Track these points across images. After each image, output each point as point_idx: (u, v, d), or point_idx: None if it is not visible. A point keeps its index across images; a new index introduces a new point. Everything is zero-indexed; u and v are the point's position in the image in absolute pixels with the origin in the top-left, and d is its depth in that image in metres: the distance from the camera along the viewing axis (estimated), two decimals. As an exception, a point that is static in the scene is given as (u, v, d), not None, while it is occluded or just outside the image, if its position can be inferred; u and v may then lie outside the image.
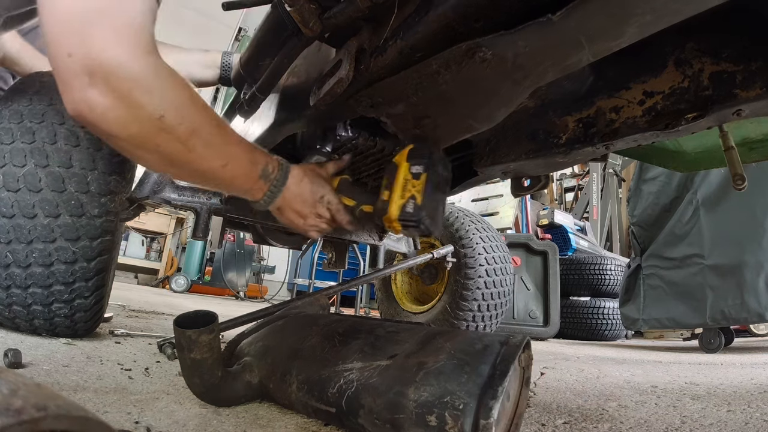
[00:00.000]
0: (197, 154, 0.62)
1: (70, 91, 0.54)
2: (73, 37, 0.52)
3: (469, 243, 1.70)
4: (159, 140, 0.58)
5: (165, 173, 0.68)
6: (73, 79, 0.53)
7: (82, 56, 0.52)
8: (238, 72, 0.77)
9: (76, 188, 0.99)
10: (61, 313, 1.02)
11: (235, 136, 0.68)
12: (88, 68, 0.52)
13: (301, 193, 0.77)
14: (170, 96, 0.57)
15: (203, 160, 0.63)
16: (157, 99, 0.56)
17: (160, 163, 0.63)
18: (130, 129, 0.56)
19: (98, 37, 0.52)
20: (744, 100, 0.52)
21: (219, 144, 0.64)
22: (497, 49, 0.46)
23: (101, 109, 0.53)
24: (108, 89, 0.53)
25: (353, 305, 4.49)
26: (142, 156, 0.61)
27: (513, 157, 0.76)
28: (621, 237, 5.75)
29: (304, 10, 0.55)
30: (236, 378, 0.70)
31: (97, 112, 0.53)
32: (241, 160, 0.68)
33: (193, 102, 0.61)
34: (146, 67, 0.55)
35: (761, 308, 2.20)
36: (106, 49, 0.52)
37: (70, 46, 0.52)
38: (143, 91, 0.54)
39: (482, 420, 0.46)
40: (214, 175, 0.66)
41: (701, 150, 0.94)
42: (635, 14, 0.39)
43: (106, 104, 0.53)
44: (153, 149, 0.59)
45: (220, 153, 0.64)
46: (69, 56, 0.52)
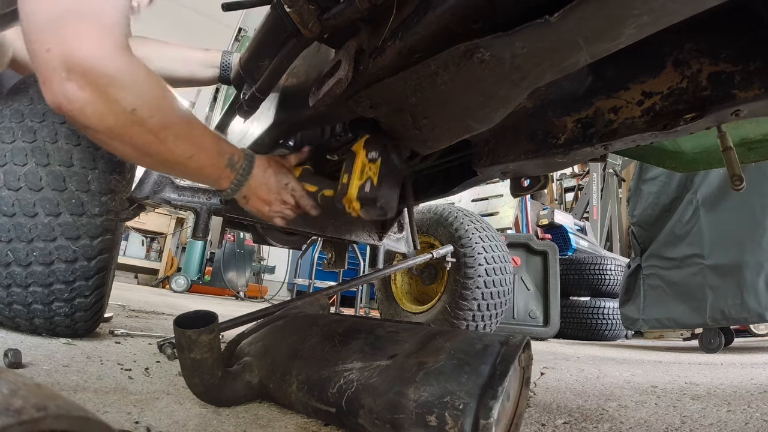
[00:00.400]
0: (168, 145, 0.66)
1: (50, 84, 0.57)
2: (52, 33, 0.55)
3: (469, 243, 1.70)
4: (132, 132, 0.62)
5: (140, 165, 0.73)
6: (52, 73, 0.56)
7: (60, 52, 0.55)
8: (238, 72, 0.77)
9: (76, 187, 1.00)
10: (61, 312, 1.02)
11: (204, 129, 0.72)
12: (66, 64, 0.55)
13: (267, 181, 0.82)
14: (143, 92, 0.61)
15: (173, 151, 0.67)
16: (131, 95, 0.59)
17: (133, 153, 0.67)
18: (107, 122, 0.59)
19: (76, 34, 0.55)
20: (742, 100, 0.52)
21: (188, 136, 0.68)
22: (495, 50, 0.46)
23: (79, 103, 0.57)
24: (85, 84, 0.56)
25: (353, 305, 4.49)
26: (117, 147, 0.65)
27: (512, 158, 0.76)
28: (621, 237, 5.75)
29: (303, 11, 0.55)
30: (236, 378, 0.70)
31: (75, 105, 0.57)
32: (209, 150, 0.73)
33: (165, 97, 0.65)
34: (121, 64, 0.58)
35: (761, 308, 2.20)
36: (83, 46, 0.55)
37: (49, 42, 0.55)
38: (118, 88, 0.58)
39: (482, 420, 0.46)
40: (184, 165, 0.70)
41: (700, 150, 0.94)
42: (633, 15, 0.39)
43: (84, 98, 0.57)
44: (127, 141, 0.63)
45: (189, 144, 0.69)
46: (48, 51, 0.55)
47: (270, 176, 0.82)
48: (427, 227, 1.87)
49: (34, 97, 1.02)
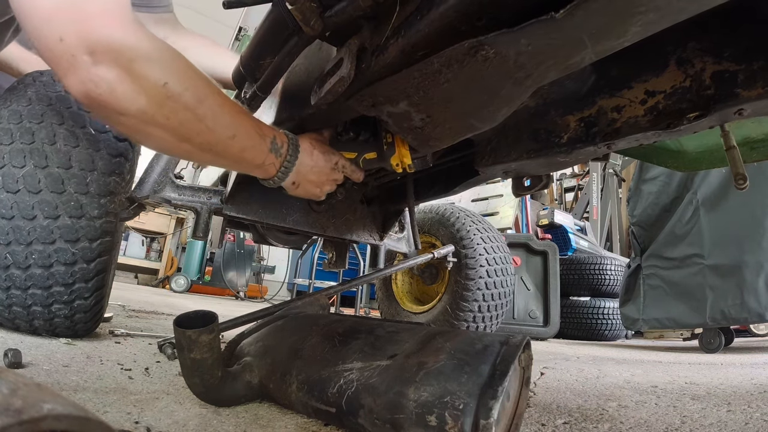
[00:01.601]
0: (207, 123, 0.61)
1: (74, 74, 0.54)
2: (61, 22, 0.52)
3: (470, 243, 1.70)
4: (167, 110, 0.58)
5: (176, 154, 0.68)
6: (74, 61, 0.53)
7: (76, 37, 0.52)
8: (239, 71, 0.77)
9: (75, 189, 0.99)
10: (60, 314, 1.02)
11: (240, 107, 0.67)
12: (86, 48, 0.52)
13: (316, 164, 0.77)
14: (170, 63, 0.58)
15: (213, 130, 0.62)
16: (158, 67, 0.56)
17: (171, 139, 0.61)
18: (139, 101, 0.55)
19: (88, 16, 0.52)
20: (746, 99, 0.52)
21: (226, 113, 0.63)
22: (499, 47, 0.45)
23: (108, 85, 0.53)
24: (112, 63, 0.53)
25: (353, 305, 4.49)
26: (154, 133, 0.60)
27: (514, 157, 0.76)
28: (621, 237, 5.75)
29: (305, 8, 0.54)
30: (236, 378, 0.70)
31: (104, 89, 0.54)
32: (250, 131, 0.67)
33: (193, 69, 0.61)
34: (141, 37, 0.55)
35: (761, 308, 2.20)
36: (99, 26, 0.53)
37: (60, 31, 0.52)
38: (144, 60, 0.54)
39: (482, 420, 0.46)
40: (225, 147, 0.65)
41: (702, 149, 0.94)
42: (639, 13, 0.39)
43: (112, 78, 0.53)
44: (163, 123, 0.58)
45: (228, 123, 0.63)
46: (61, 41, 0.52)
47: (318, 158, 0.77)
48: (429, 227, 1.87)
49: (33, 98, 1.01)
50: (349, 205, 1.30)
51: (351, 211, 1.30)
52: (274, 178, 0.74)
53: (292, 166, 0.74)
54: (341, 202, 1.26)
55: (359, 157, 0.83)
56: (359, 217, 1.33)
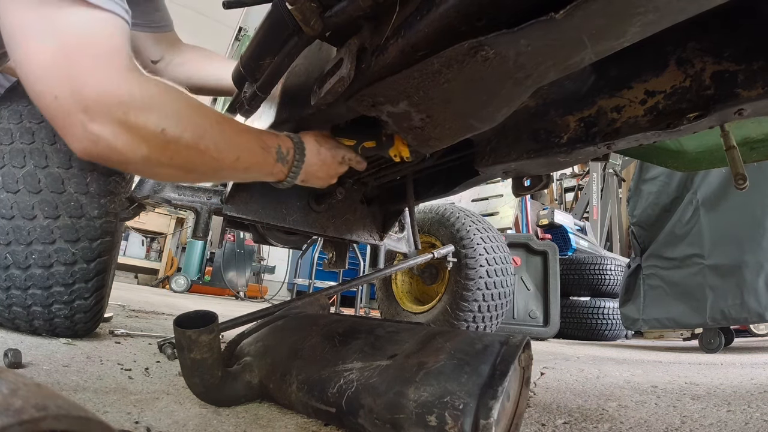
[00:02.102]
0: (210, 154, 0.62)
1: (71, 133, 0.54)
2: (53, 80, 0.51)
3: (470, 243, 1.70)
4: (170, 153, 0.58)
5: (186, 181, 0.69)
6: (69, 120, 0.53)
7: (69, 96, 0.51)
8: (239, 71, 0.77)
9: (75, 189, 0.99)
10: (60, 314, 1.02)
11: (241, 127, 0.69)
12: (80, 106, 0.52)
13: (324, 162, 0.80)
14: (165, 108, 0.57)
15: (217, 159, 0.64)
16: (155, 114, 0.56)
17: (179, 173, 0.64)
18: (140, 151, 0.56)
19: (78, 73, 0.51)
20: (746, 99, 0.52)
21: (227, 138, 0.64)
22: (499, 48, 0.45)
23: (106, 141, 0.53)
24: (107, 119, 0.52)
25: (353, 305, 4.49)
26: (161, 172, 0.62)
27: (514, 157, 0.76)
28: (621, 237, 5.75)
29: (305, 8, 0.54)
30: (236, 378, 0.70)
31: (103, 145, 0.54)
32: (253, 149, 0.69)
33: (189, 106, 0.61)
34: (132, 86, 0.54)
35: (761, 308, 2.20)
36: (90, 82, 0.52)
37: (54, 89, 0.52)
38: (139, 110, 0.54)
39: (482, 420, 0.46)
40: (232, 169, 0.67)
41: (702, 149, 0.94)
42: (638, 13, 0.39)
43: (109, 135, 0.53)
44: (168, 163, 0.60)
45: (230, 148, 0.65)
46: (55, 98, 0.52)
47: (325, 155, 0.80)
48: (429, 227, 1.87)
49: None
50: (349, 205, 1.30)
51: (351, 211, 1.30)
52: (284, 182, 0.77)
53: (300, 169, 0.77)
54: (341, 202, 1.26)
55: (358, 145, 0.85)
56: (359, 217, 1.33)
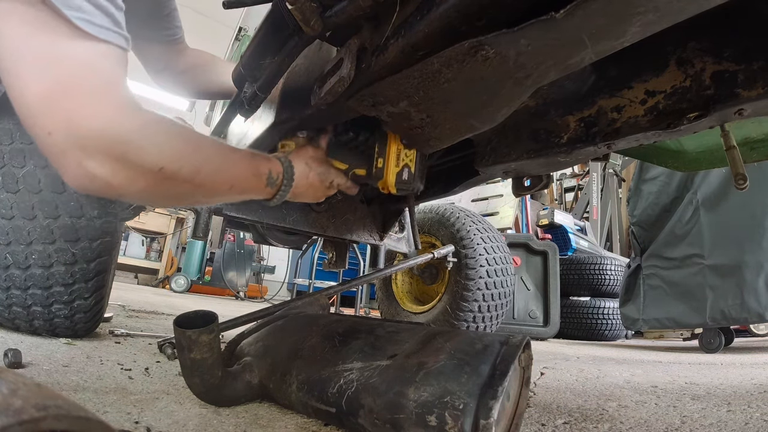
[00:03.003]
0: (205, 187, 0.63)
1: (67, 169, 0.53)
2: (48, 116, 0.50)
3: (470, 243, 1.70)
4: (166, 187, 0.59)
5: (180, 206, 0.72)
6: (64, 157, 0.52)
7: (64, 132, 0.50)
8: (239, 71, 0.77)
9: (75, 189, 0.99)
10: (60, 314, 1.02)
11: (236, 156, 0.70)
12: (76, 143, 0.51)
13: (311, 185, 0.82)
14: (163, 146, 0.57)
15: (211, 189, 0.65)
16: (152, 153, 0.55)
17: (173, 202, 0.66)
18: (137, 185, 0.56)
19: (74, 109, 0.50)
20: (746, 99, 0.52)
21: (222, 170, 0.66)
22: (500, 47, 0.45)
23: (104, 178, 0.53)
24: (105, 157, 0.52)
25: (353, 305, 4.49)
26: (155, 201, 0.64)
27: (514, 157, 0.76)
28: (621, 237, 5.75)
29: (305, 8, 0.54)
30: (236, 378, 0.70)
31: (99, 181, 0.53)
32: (246, 177, 0.71)
33: (188, 141, 0.61)
34: (130, 124, 0.54)
35: (761, 308, 2.20)
36: (85, 120, 0.51)
37: (48, 125, 0.50)
38: (136, 149, 0.54)
39: (482, 420, 0.46)
40: (224, 197, 0.70)
41: (702, 149, 0.94)
42: (638, 13, 0.39)
43: (106, 173, 0.52)
44: (164, 195, 0.61)
45: (225, 177, 0.66)
46: (49, 134, 0.51)
47: (313, 179, 0.82)
48: (429, 227, 1.87)
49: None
50: (349, 205, 1.30)
51: (351, 211, 1.31)
52: (272, 202, 0.79)
53: (287, 192, 0.78)
54: (341, 202, 1.26)
55: (349, 170, 0.86)
56: (359, 217, 1.33)
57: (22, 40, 0.50)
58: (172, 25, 1.08)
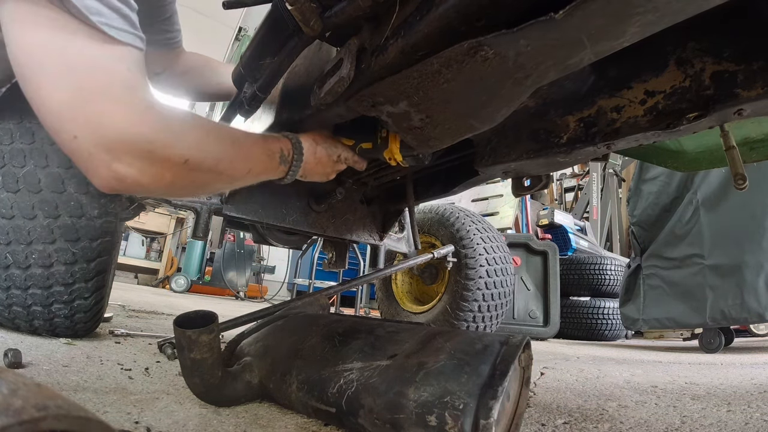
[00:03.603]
0: (227, 173, 0.66)
1: (95, 171, 0.54)
2: (72, 120, 0.52)
3: (470, 243, 1.70)
4: (192, 178, 0.61)
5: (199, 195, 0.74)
6: (92, 159, 0.53)
7: (90, 136, 0.52)
8: (239, 71, 0.77)
9: (75, 189, 0.99)
10: (60, 314, 1.02)
11: (250, 140, 0.72)
12: (103, 146, 0.52)
13: (319, 160, 0.84)
14: (186, 139, 0.59)
15: (232, 175, 0.68)
16: (177, 148, 0.58)
17: (198, 191, 0.69)
18: (165, 180, 0.58)
19: (98, 113, 0.52)
20: (745, 99, 0.52)
21: (240, 155, 0.68)
22: (499, 48, 0.45)
23: (132, 178, 0.55)
24: (132, 159, 0.53)
25: (353, 305, 4.49)
26: (180, 193, 0.67)
27: (514, 157, 0.76)
28: (621, 237, 5.76)
29: (305, 8, 0.54)
30: (236, 378, 0.70)
31: (128, 182, 0.55)
32: (261, 159, 0.73)
33: (208, 132, 0.64)
34: (155, 123, 0.56)
35: (761, 308, 2.20)
36: (111, 123, 0.52)
37: (73, 130, 0.52)
38: (162, 147, 0.56)
39: (482, 420, 0.46)
40: (242, 181, 0.72)
41: (702, 150, 0.94)
42: (637, 13, 0.39)
43: (135, 172, 0.54)
44: (189, 185, 0.63)
45: (243, 164, 0.69)
46: (75, 138, 0.52)
47: (321, 154, 0.84)
48: (429, 227, 1.87)
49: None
50: (349, 205, 1.30)
51: (351, 211, 1.31)
52: (284, 180, 0.81)
53: (299, 167, 0.80)
54: (341, 202, 1.26)
55: (356, 145, 0.87)
56: (359, 217, 1.33)
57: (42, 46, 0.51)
58: (173, 28, 1.08)
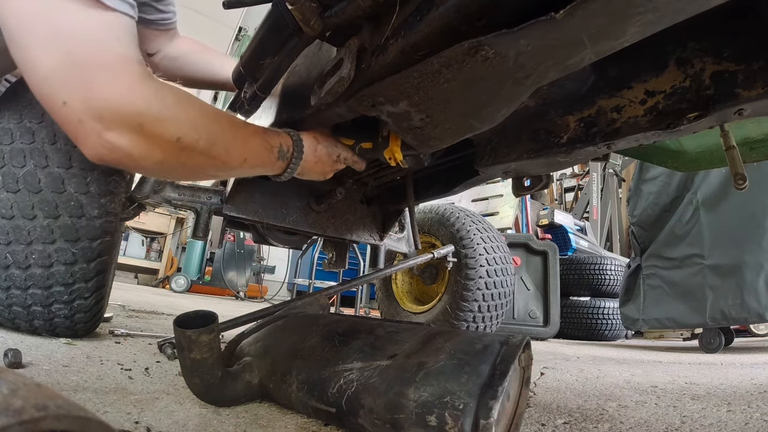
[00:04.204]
0: (221, 159, 0.64)
1: (85, 139, 0.53)
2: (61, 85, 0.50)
3: (470, 243, 1.70)
4: (183, 159, 0.59)
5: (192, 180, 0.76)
6: (82, 127, 0.52)
7: (80, 102, 0.50)
8: (239, 71, 0.77)
9: (75, 189, 0.99)
10: (60, 314, 1.02)
11: (248, 129, 0.71)
12: (93, 114, 0.51)
13: (319, 159, 0.83)
14: (181, 116, 0.57)
15: (226, 162, 0.66)
16: (171, 124, 0.56)
17: (189, 174, 0.66)
18: (155, 157, 0.56)
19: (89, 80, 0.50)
20: (745, 99, 0.52)
21: (236, 143, 0.67)
22: (499, 47, 0.45)
23: (123, 149, 0.53)
24: (124, 129, 0.52)
25: (353, 305, 4.49)
26: (172, 174, 0.66)
27: (514, 157, 0.76)
28: (621, 237, 5.76)
29: (305, 8, 0.54)
30: (236, 378, 0.70)
31: (119, 153, 0.54)
32: (259, 150, 0.72)
33: (204, 113, 0.62)
34: (148, 95, 0.54)
35: (761, 308, 2.20)
36: (102, 91, 0.51)
37: (62, 95, 0.51)
38: (155, 121, 0.54)
39: (482, 420, 0.46)
40: (238, 170, 0.71)
41: (702, 149, 0.94)
42: (638, 13, 0.39)
43: (125, 143, 0.53)
44: (180, 168, 0.61)
45: (239, 151, 0.68)
46: (64, 104, 0.51)
47: (322, 152, 0.83)
48: (429, 227, 1.87)
49: (33, 98, 1.01)
50: (349, 205, 1.30)
51: (351, 211, 1.31)
52: (282, 176, 0.80)
53: (297, 165, 0.79)
54: (341, 202, 1.26)
55: (356, 145, 0.87)
56: (359, 217, 1.33)
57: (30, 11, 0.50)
58: (167, 9, 1.08)
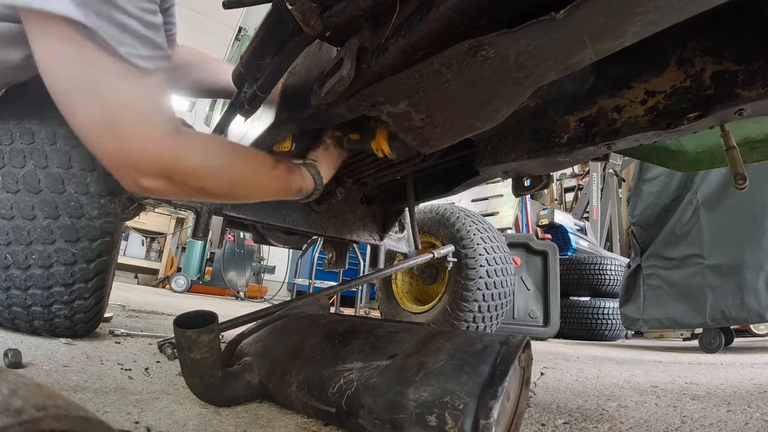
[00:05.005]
0: (239, 197, 0.75)
1: (123, 180, 0.62)
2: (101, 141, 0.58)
3: (470, 243, 1.70)
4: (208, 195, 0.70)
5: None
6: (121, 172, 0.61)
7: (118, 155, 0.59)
8: (239, 71, 0.77)
9: (75, 189, 0.99)
10: (60, 314, 1.02)
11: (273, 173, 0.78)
12: (129, 164, 0.59)
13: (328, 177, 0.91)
14: (205, 169, 0.66)
15: (246, 196, 0.76)
16: (195, 178, 0.65)
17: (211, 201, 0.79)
18: (182, 195, 0.67)
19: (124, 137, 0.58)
20: (746, 99, 0.52)
21: (258, 187, 0.76)
22: (500, 47, 0.45)
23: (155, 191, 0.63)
24: (154, 177, 0.61)
25: (353, 305, 4.49)
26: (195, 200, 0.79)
27: (514, 157, 0.76)
28: (621, 237, 5.76)
29: (305, 8, 0.54)
30: (236, 378, 0.70)
31: (152, 192, 0.63)
32: (278, 192, 0.80)
33: (229, 161, 0.69)
34: (176, 151, 0.62)
35: (761, 308, 2.20)
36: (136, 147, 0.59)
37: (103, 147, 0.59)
38: (183, 173, 0.63)
39: (482, 420, 0.46)
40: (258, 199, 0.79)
41: (702, 149, 0.94)
42: (638, 13, 0.39)
43: (157, 187, 0.62)
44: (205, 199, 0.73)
45: (259, 193, 0.77)
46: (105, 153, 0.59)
47: (330, 173, 0.91)
48: (429, 227, 1.87)
49: (33, 99, 1.01)
50: (349, 205, 1.30)
51: (351, 211, 1.31)
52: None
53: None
54: (341, 202, 1.26)
55: (345, 136, 0.88)
56: (359, 217, 1.33)
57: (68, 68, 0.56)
58: (170, 21, 1.08)
